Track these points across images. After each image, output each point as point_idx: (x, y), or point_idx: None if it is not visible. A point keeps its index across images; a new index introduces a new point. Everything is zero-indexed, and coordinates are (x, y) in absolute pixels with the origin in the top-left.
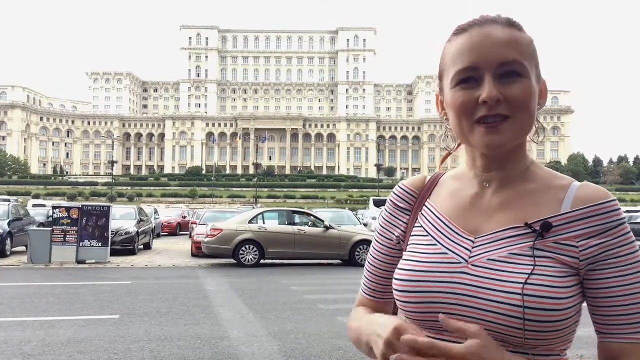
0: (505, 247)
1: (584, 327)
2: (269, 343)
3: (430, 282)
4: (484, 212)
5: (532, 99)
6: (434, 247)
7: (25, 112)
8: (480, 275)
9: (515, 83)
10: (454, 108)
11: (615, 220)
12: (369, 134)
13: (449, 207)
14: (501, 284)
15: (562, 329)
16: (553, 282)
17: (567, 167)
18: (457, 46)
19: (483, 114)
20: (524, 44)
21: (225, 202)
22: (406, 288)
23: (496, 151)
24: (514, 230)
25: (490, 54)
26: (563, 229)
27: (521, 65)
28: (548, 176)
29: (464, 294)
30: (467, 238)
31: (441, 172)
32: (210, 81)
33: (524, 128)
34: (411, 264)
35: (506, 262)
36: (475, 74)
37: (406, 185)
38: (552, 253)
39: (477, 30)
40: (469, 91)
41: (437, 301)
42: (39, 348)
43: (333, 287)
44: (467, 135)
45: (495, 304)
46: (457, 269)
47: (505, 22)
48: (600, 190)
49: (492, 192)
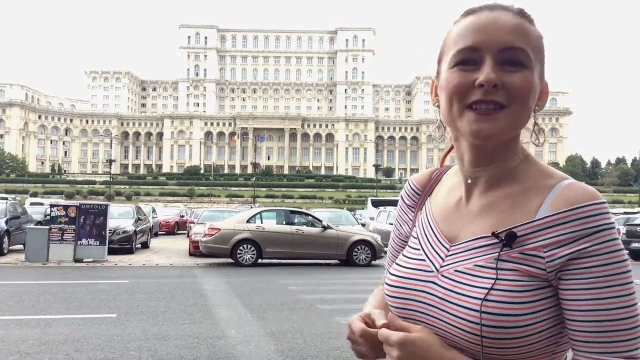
0: (472, 258)
1: None
2: (266, 343)
3: (408, 289)
4: (465, 217)
5: (532, 92)
6: (417, 252)
7: (24, 111)
8: (446, 287)
9: (517, 73)
10: (447, 89)
11: (591, 227)
12: (368, 134)
13: (440, 209)
14: (462, 298)
15: (525, 345)
16: (513, 298)
17: (565, 169)
18: (462, 27)
19: (477, 98)
20: (532, 35)
21: (224, 202)
22: (390, 294)
23: (484, 141)
24: (483, 240)
25: (494, 37)
26: (530, 238)
27: (526, 54)
28: (538, 175)
29: (431, 305)
30: (444, 246)
31: (449, 165)
32: (209, 80)
33: (519, 121)
34: (397, 269)
35: (470, 275)
36: (476, 55)
37: (413, 181)
38: (517, 264)
39: (486, 14)
40: (467, 73)
41: (412, 309)
42: (36, 346)
43: (331, 287)
44: (456, 120)
45: (456, 318)
46: (428, 277)
47: (518, 11)
48: (584, 192)
49: (478, 194)
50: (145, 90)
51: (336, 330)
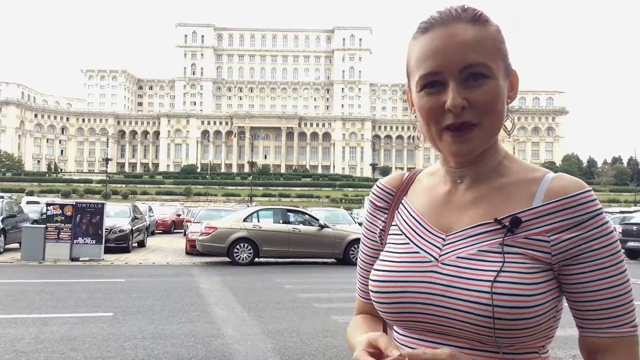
0: (475, 244)
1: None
2: (262, 341)
3: (403, 282)
4: (457, 209)
5: (499, 100)
6: (406, 246)
7: (20, 109)
8: (450, 274)
9: (481, 86)
10: (421, 113)
11: (589, 212)
12: (365, 134)
13: (423, 205)
14: (470, 282)
15: (534, 326)
16: (523, 279)
17: (562, 168)
18: (421, 49)
19: (450, 122)
20: (489, 41)
21: (220, 201)
22: (380, 289)
23: (465, 157)
24: (484, 227)
25: (453, 59)
26: (534, 224)
27: (486, 66)
28: (522, 169)
29: (434, 294)
30: (438, 236)
31: (419, 169)
32: (205, 79)
33: (492, 132)
34: (385, 264)
35: (475, 260)
36: (439, 78)
37: (384, 184)
38: (523, 249)
39: (440, 32)
40: (435, 97)
41: (410, 301)
42: (32, 345)
43: (327, 286)
44: (436, 140)
45: (465, 303)
46: (427, 268)
47: (470, 18)
48: (574, 181)
49: (465, 189)
50: (142, 89)
51: (332, 328)
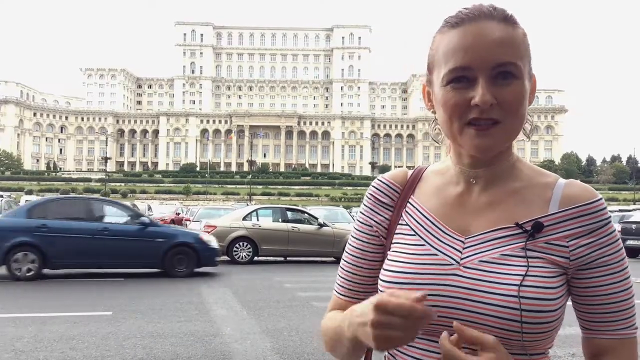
0: (497, 248)
1: (576, 327)
2: (262, 340)
3: (421, 284)
4: (473, 211)
5: (523, 102)
6: (422, 247)
7: (19, 108)
8: (474, 277)
9: (510, 86)
10: (445, 108)
11: (602, 220)
12: (364, 132)
13: (436, 205)
14: (496, 286)
15: (554, 329)
16: (546, 283)
17: (561, 166)
18: (450, 43)
19: (475, 116)
20: (519, 41)
21: (220, 199)
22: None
23: (485, 154)
24: (504, 231)
25: (485, 55)
26: (554, 229)
27: (517, 66)
28: (533, 173)
29: (456, 297)
30: (457, 239)
31: (423, 166)
32: (205, 78)
33: (513, 132)
34: (399, 265)
35: (499, 264)
36: (469, 74)
37: (388, 179)
38: (543, 253)
39: (472, 27)
40: (462, 92)
41: (429, 304)
42: (31, 344)
43: (326, 284)
44: (457, 136)
45: (491, 306)
46: (448, 270)
47: (502, 17)
48: (587, 189)
49: (480, 190)
50: (141, 88)
51: None
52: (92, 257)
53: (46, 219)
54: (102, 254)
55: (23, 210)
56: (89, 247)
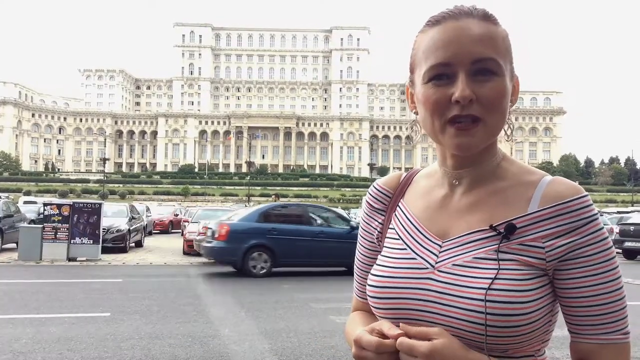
0: (471, 251)
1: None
2: (260, 342)
3: (399, 288)
4: (453, 214)
5: (504, 99)
6: (404, 251)
7: (17, 109)
8: (445, 281)
9: (489, 82)
10: (426, 105)
11: (584, 218)
12: (362, 133)
13: (420, 208)
14: (465, 290)
15: (528, 332)
16: (517, 286)
17: (559, 168)
18: (430, 40)
19: (455, 113)
20: (499, 39)
21: (218, 200)
22: (376, 294)
23: (466, 152)
24: (479, 234)
25: (465, 51)
26: (529, 230)
27: (496, 63)
28: (519, 172)
29: (429, 301)
30: (434, 242)
31: (417, 169)
32: (203, 79)
33: (495, 129)
34: (381, 269)
35: (470, 267)
36: (449, 70)
37: (380, 184)
38: (517, 255)
39: (452, 24)
40: (442, 89)
41: (405, 308)
42: (29, 345)
43: (325, 286)
44: (438, 134)
45: (459, 310)
46: (424, 274)
47: (482, 15)
48: (570, 186)
49: (462, 192)
50: (140, 89)
51: (330, 329)
52: (310, 257)
53: (274, 223)
54: (317, 254)
55: (255, 215)
56: (308, 247)
